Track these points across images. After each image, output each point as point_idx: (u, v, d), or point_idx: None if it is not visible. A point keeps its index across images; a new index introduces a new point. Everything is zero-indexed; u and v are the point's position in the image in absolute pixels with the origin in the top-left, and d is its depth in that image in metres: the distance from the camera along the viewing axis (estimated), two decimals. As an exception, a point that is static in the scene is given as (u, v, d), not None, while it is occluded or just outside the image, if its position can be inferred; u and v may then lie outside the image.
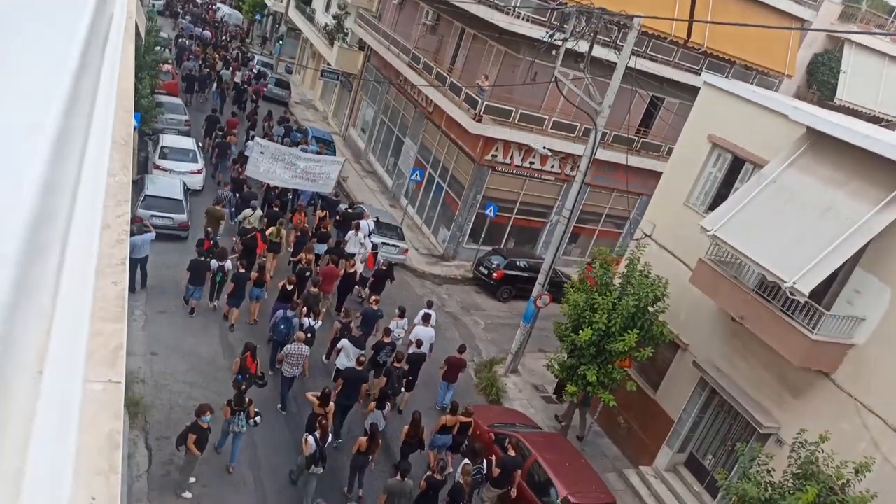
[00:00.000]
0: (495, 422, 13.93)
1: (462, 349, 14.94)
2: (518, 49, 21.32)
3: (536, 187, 23.47)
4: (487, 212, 21.94)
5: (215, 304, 15.75)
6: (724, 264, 12.76)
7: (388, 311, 16.08)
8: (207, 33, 41.56)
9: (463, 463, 11.53)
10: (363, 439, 11.28)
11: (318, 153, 23.64)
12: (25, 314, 0.44)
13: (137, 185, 18.48)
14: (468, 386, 16.71)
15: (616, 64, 15.36)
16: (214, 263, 15.15)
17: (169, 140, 21.92)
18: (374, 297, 15.75)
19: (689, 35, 22.70)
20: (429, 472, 10.89)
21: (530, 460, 12.46)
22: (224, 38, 42.91)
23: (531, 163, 22.61)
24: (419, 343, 14.13)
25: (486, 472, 11.60)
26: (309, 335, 13.43)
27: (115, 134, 2.74)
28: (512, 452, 11.92)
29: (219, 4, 55.65)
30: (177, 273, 16.83)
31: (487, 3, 21.29)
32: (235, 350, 14.04)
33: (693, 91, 16.77)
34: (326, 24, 36.46)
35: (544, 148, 21.01)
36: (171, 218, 18.03)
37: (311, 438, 10.78)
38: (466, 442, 12.72)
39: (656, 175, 17.51)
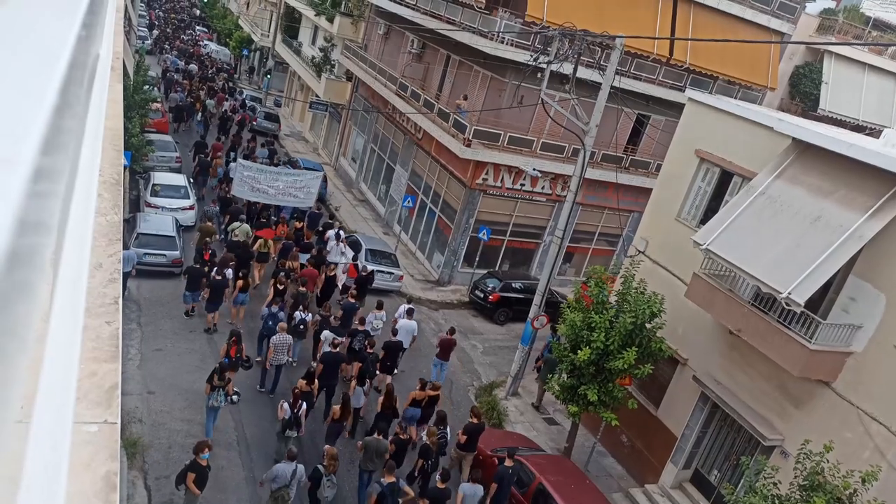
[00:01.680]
0: (498, 446, 13.79)
1: (452, 331, 16.50)
2: (503, 73, 21.56)
3: (528, 209, 23.57)
4: (481, 235, 21.99)
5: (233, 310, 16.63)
6: (718, 277, 12.79)
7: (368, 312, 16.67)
8: (194, 66, 42.64)
9: (428, 426, 13.04)
10: (336, 408, 12.65)
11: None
12: (9, 355, 0.43)
13: (130, 224, 18.48)
14: (468, 410, 16.57)
15: (601, 84, 15.54)
16: (229, 272, 16.37)
17: (160, 177, 21.97)
18: (351, 292, 17.06)
19: (671, 53, 23.08)
20: (394, 435, 12.43)
21: (535, 483, 12.32)
22: (210, 70, 43.56)
23: (522, 185, 22.73)
24: (395, 332, 15.54)
25: (449, 436, 13.09)
26: (301, 327, 15.23)
27: (105, 173, 2.75)
28: (475, 420, 13.22)
29: (205, 42, 56.22)
30: (171, 310, 16.75)
31: (471, 29, 21.59)
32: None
33: (678, 107, 16.97)
34: (313, 57, 36.85)
35: (534, 170, 21.15)
36: (164, 255, 18.00)
37: (285, 405, 12.19)
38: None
39: (646, 192, 17.62)
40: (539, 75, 16.15)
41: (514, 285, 21.88)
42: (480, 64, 22.47)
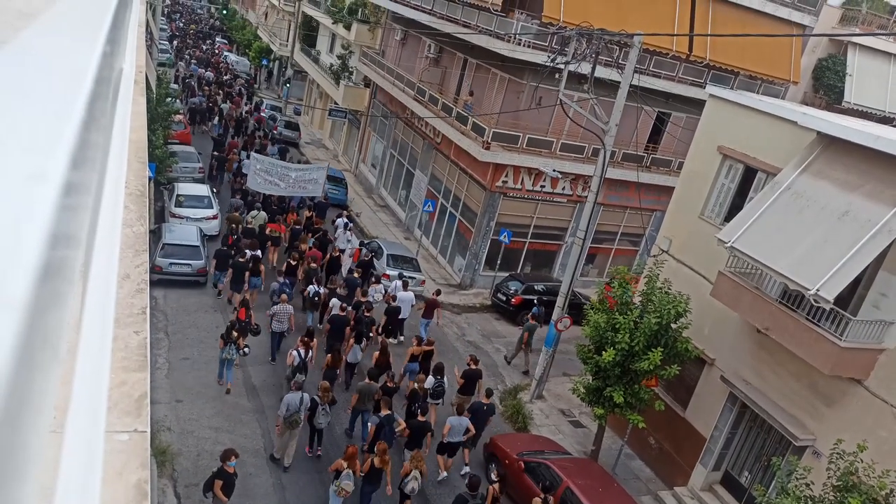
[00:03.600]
0: (524, 450, 13.73)
1: (437, 293, 18.79)
2: (521, 75, 21.53)
3: (549, 210, 23.47)
4: (502, 238, 21.94)
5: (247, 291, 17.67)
6: (744, 276, 12.61)
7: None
8: (210, 73, 45.18)
9: (418, 375, 14.57)
10: (329, 356, 14.38)
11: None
12: (44, 365, 0.44)
13: (156, 234, 18.75)
14: (494, 415, 16.51)
15: (620, 83, 15.44)
16: (249, 254, 17.94)
17: (184, 188, 22.27)
18: (356, 270, 19.30)
19: (690, 49, 22.87)
20: (383, 384, 13.89)
21: (562, 487, 12.24)
22: (226, 76, 46.09)
23: (542, 186, 22.64)
24: (394, 298, 17.63)
25: (446, 385, 14.57)
26: (316, 298, 17.07)
27: (131, 185, 2.79)
28: (472, 366, 14.93)
29: (226, 53, 56.95)
30: (198, 319, 16.95)
31: (488, 32, 21.59)
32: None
33: (699, 104, 16.80)
34: (331, 65, 37.12)
35: (554, 171, 21.06)
36: (189, 264, 18.22)
37: (294, 352, 14.01)
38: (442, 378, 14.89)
39: (669, 190, 17.45)
40: (557, 76, 16.09)
41: (536, 287, 21.79)
42: (498, 66, 22.46)
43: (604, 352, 12.99)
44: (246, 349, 14.54)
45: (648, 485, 14.92)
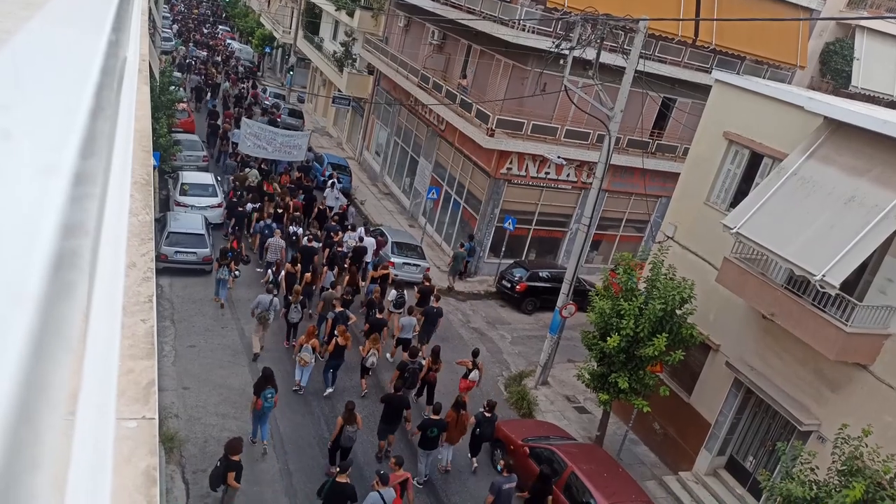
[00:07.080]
0: (529, 435, 13.81)
1: (382, 234, 21.92)
2: (526, 61, 21.39)
3: (554, 197, 23.41)
4: (506, 225, 21.91)
5: (249, 238, 20.66)
6: (750, 261, 12.58)
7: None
8: (202, 53, 48.44)
9: (375, 289, 17.29)
10: (308, 275, 17.08)
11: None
12: (56, 354, 0.44)
13: (160, 223, 18.80)
14: (499, 401, 16.57)
15: (625, 68, 15.34)
16: (249, 206, 21.06)
17: (188, 177, 22.29)
18: (334, 216, 22.27)
19: (696, 34, 22.67)
20: (341, 294, 16.46)
21: (567, 472, 12.31)
22: (219, 56, 48.86)
23: (547, 173, 22.57)
24: (361, 239, 20.35)
25: (406, 298, 17.41)
26: (294, 237, 19.95)
27: (136, 174, 2.79)
28: (426, 283, 18.13)
29: (229, 41, 56.77)
30: (203, 307, 17.03)
31: (492, 18, 21.44)
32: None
33: (705, 90, 16.68)
34: (335, 52, 36.94)
35: (559, 157, 20.98)
36: (194, 253, 18.28)
37: (269, 272, 17.25)
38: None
39: (674, 176, 17.38)
40: (562, 62, 15.99)
41: (541, 274, 21.78)
42: (502, 52, 22.31)
43: (609, 338, 13.01)
44: (237, 272, 17.23)
45: (653, 470, 14.99)
